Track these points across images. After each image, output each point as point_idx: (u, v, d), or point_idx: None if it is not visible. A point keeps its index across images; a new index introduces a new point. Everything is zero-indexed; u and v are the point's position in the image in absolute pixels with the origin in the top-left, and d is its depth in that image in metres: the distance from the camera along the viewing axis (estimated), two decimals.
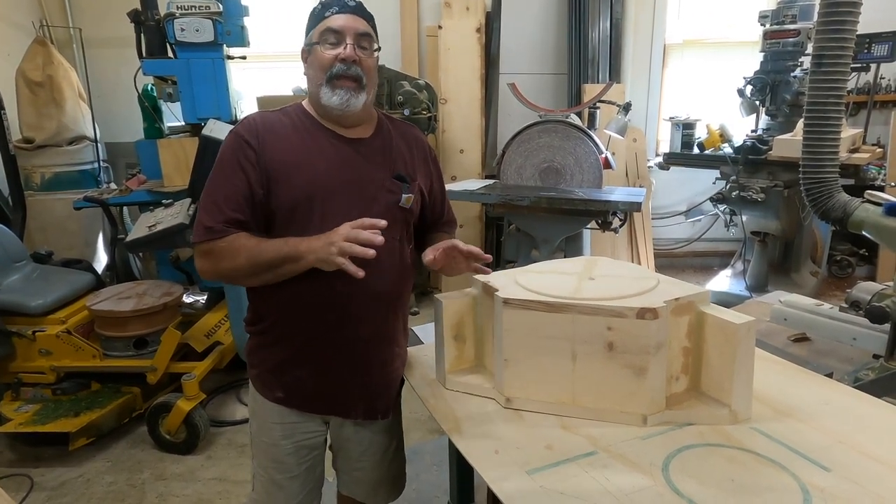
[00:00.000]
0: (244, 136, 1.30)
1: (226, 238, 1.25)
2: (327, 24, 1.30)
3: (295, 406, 1.41)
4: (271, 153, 1.30)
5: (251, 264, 1.25)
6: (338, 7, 1.31)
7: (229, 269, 1.27)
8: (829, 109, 1.90)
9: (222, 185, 1.29)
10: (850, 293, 1.74)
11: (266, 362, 1.41)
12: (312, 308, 1.33)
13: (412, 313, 4.08)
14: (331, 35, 1.30)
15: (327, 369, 1.38)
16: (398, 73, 4.13)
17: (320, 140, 1.34)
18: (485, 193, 3.23)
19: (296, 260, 1.23)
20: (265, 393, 1.42)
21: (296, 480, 1.46)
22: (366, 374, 1.40)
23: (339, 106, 1.30)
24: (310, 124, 1.36)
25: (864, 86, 4.42)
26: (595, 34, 4.60)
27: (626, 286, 1.27)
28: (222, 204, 1.27)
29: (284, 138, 1.32)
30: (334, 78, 1.29)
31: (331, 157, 1.33)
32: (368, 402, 1.42)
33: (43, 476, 2.51)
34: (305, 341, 1.36)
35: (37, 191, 4.09)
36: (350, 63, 1.29)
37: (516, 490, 1.02)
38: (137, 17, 3.25)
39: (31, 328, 2.72)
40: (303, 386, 1.38)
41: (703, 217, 5.05)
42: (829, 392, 1.34)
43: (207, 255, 1.28)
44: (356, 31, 1.30)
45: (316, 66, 1.31)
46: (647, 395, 1.18)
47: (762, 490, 1.00)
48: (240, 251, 1.25)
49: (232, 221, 1.26)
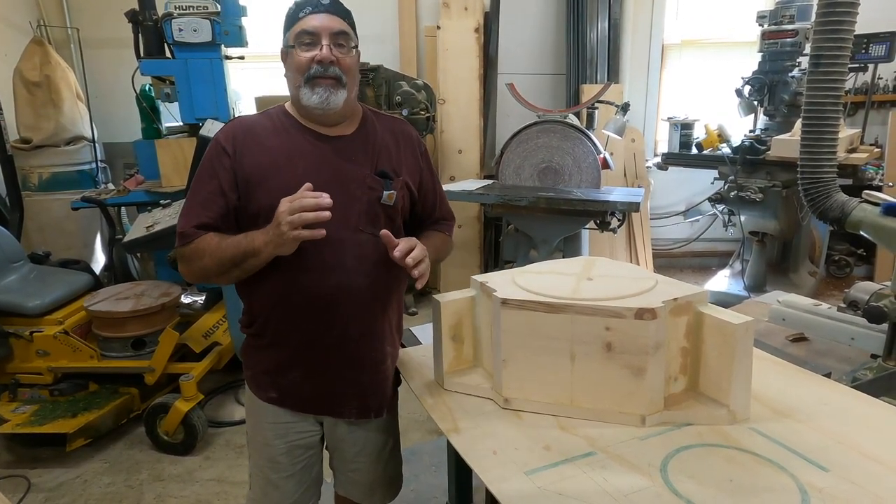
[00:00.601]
0: (221, 143, 1.33)
1: (195, 240, 1.29)
2: (301, 25, 1.30)
3: (288, 406, 1.41)
4: (249, 158, 1.32)
5: (216, 263, 1.28)
6: (311, 7, 1.30)
7: (199, 269, 1.31)
8: (826, 109, 1.90)
9: (198, 192, 1.33)
10: (848, 293, 1.74)
11: (260, 364, 1.42)
12: (302, 308, 1.33)
13: (410, 314, 4.07)
14: (306, 36, 1.29)
15: (320, 370, 1.38)
16: (396, 73, 4.13)
17: (300, 141, 1.35)
18: (483, 194, 3.23)
19: (255, 254, 1.25)
20: (259, 393, 1.43)
21: (291, 480, 1.46)
22: (358, 372, 1.40)
23: (320, 105, 1.30)
24: (290, 125, 1.37)
25: (862, 86, 4.43)
26: (593, 34, 4.60)
27: (624, 286, 1.27)
28: (196, 208, 1.31)
29: (264, 142, 1.34)
30: (312, 79, 1.29)
31: (310, 158, 1.34)
32: (361, 401, 1.43)
33: (40, 477, 2.51)
34: (298, 342, 1.36)
35: (34, 191, 4.08)
36: (327, 64, 1.29)
37: (514, 491, 1.02)
38: (135, 17, 3.25)
39: (29, 329, 2.71)
40: (296, 386, 1.39)
41: (702, 217, 5.06)
42: (827, 392, 1.34)
43: (182, 258, 1.33)
44: (331, 31, 1.30)
45: (293, 68, 1.32)
46: (645, 395, 1.18)
47: (760, 490, 1.00)
48: (204, 252, 1.28)
49: (201, 225, 1.30)
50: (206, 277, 1.33)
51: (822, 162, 1.95)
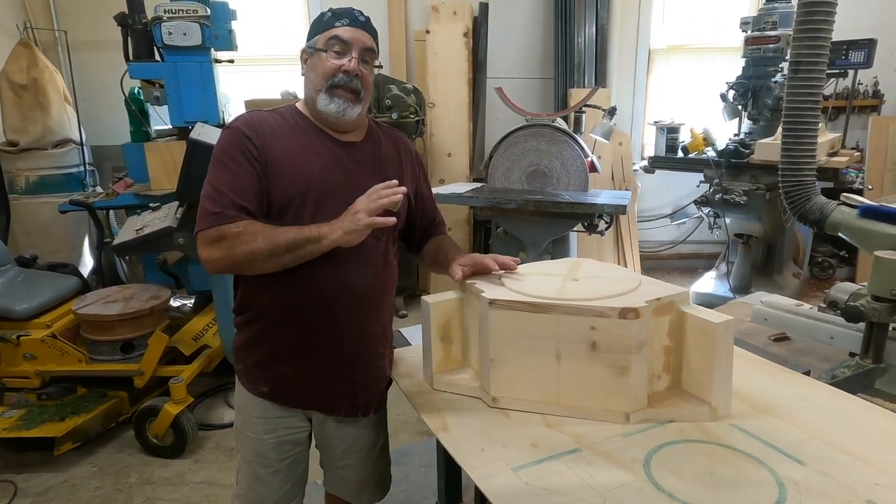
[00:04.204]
0: (244, 131, 1.32)
1: (239, 222, 1.25)
2: (336, 32, 1.33)
3: (279, 401, 1.43)
4: (269, 149, 1.32)
5: (271, 247, 1.24)
6: (349, 20, 1.34)
7: (246, 254, 1.24)
8: (806, 114, 1.95)
9: (226, 178, 1.29)
10: (829, 293, 1.78)
11: (252, 356, 1.44)
12: (296, 307, 1.36)
13: (400, 316, 4.09)
14: (337, 44, 1.33)
15: (311, 365, 1.40)
16: (386, 76, 4.15)
17: (315, 141, 1.38)
18: (472, 196, 3.26)
19: (318, 240, 1.24)
20: (250, 388, 1.45)
21: (277, 475, 1.48)
22: (349, 371, 1.43)
23: (336, 114, 1.34)
24: (305, 125, 1.40)
25: (843, 91, 4.52)
26: (581, 39, 4.66)
27: (608, 287, 1.30)
28: (229, 192, 1.27)
29: (281, 136, 1.35)
30: (334, 87, 1.33)
31: (325, 159, 1.36)
32: (351, 399, 1.45)
33: (27, 482, 2.49)
34: (292, 337, 1.39)
35: (21, 194, 4.05)
36: (352, 76, 1.33)
37: (502, 487, 1.04)
38: (124, 20, 3.24)
39: (16, 332, 2.69)
40: (287, 381, 1.41)
41: (688, 220, 5.12)
42: (806, 389, 1.38)
43: (218, 241, 1.26)
44: (362, 45, 1.34)
45: (318, 71, 1.34)
46: (629, 393, 1.21)
47: (740, 484, 1.03)
48: (257, 234, 1.24)
49: (241, 208, 1.27)
50: (247, 263, 1.27)
51: (801, 165, 2.00)
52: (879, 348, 1.62)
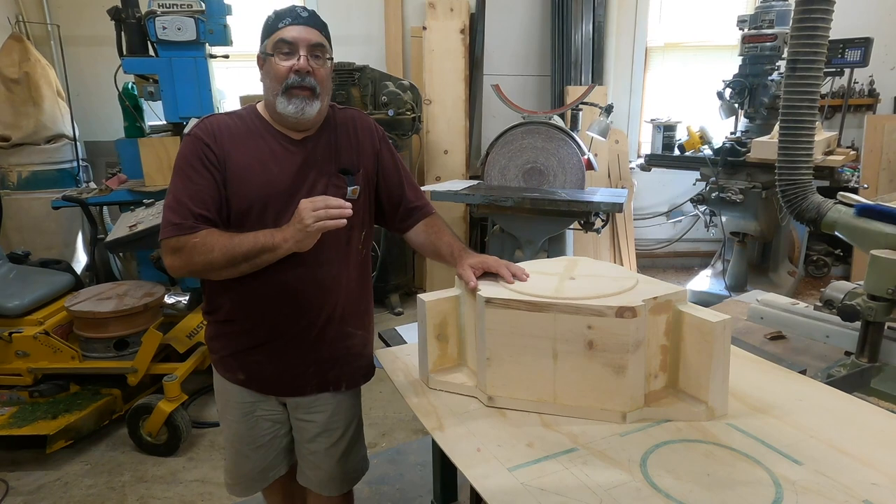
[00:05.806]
0: (203, 139, 1.34)
1: (198, 233, 1.29)
2: (280, 34, 1.34)
3: (254, 388, 1.49)
4: (230, 157, 1.35)
5: (227, 258, 1.28)
6: (291, 18, 1.34)
7: (203, 264, 1.30)
8: (803, 112, 1.94)
9: (186, 186, 1.33)
10: (825, 292, 1.78)
11: (227, 347, 1.48)
12: (262, 302, 1.39)
13: (396, 314, 4.07)
14: (284, 46, 1.34)
15: (283, 354, 1.44)
16: (382, 73, 4.13)
17: (272, 144, 1.39)
18: (469, 194, 3.25)
19: (273, 249, 1.27)
20: (227, 375, 1.49)
21: (259, 450, 1.55)
22: (316, 351, 1.46)
23: (295, 114, 1.35)
24: (263, 128, 1.41)
25: (839, 90, 4.52)
26: (578, 37, 4.64)
27: (605, 286, 1.29)
28: (188, 202, 1.31)
29: (239, 141, 1.37)
30: (290, 88, 1.33)
31: (283, 161, 1.38)
32: (320, 377, 1.49)
33: (19, 480, 2.47)
34: (264, 329, 1.42)
35: (13, 190, 4.02)
36: (304, 74, 1.33)
37: (498, 487, 1.03)
38: (118, 14, 3.21)
39: (8, 329, 2.67)
40: (261, 369, 1.46)
41: (684, 218, 5.13)
42: (802, 388, 1.37)
43: (178, 251, 1.31)
44: (309, 43, 1.34)
45: (272, 76, 1.36)
46: (626, 392, 1.20)
47: (736, 484, 1.02)
48: (214, 246, 1.29)
49: (200, 218, 1.30)
50: (205, 272, 1.33)
51: (798, 164, 1.99)
52: (875, 347, 1.62)
